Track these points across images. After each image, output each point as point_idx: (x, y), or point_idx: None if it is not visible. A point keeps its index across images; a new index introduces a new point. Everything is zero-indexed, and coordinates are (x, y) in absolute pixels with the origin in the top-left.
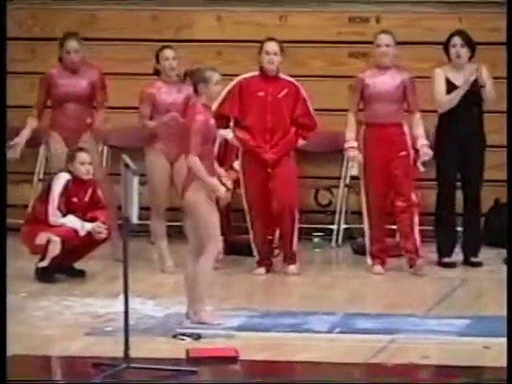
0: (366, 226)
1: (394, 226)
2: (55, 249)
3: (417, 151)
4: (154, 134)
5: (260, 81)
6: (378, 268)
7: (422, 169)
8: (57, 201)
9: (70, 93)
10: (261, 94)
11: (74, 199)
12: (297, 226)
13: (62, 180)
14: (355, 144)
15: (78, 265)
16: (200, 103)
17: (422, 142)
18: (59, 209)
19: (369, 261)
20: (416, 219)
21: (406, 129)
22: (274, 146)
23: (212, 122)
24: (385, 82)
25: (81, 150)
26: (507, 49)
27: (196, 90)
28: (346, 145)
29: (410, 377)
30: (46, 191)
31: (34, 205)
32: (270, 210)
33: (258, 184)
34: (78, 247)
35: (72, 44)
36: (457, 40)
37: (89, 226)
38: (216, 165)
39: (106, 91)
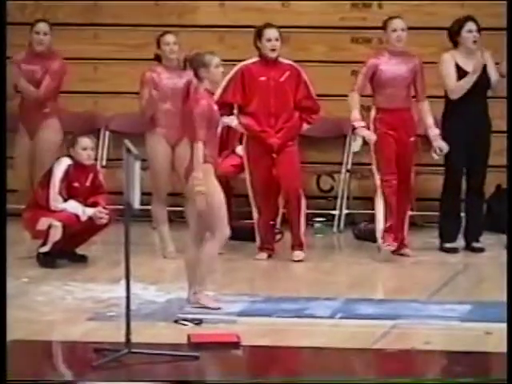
0: (380, 207)
1: None
2: (56, 234)
3: (427, 138)
4: (155, 119)
5: (261, 66)
6: (389, 247)
7: (436, 157)
8: (58, 186)
9: (30, 81)
10: (263, 78)
11: (76, 184)
12: (303, 211)
13: (63, 165)
14: (363, 123)
15: (80, 250)
16: (202, 88)
17: (436, 133)
18: (60, 194)
19: (380, 240)
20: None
21: (413, 114)
22: (279, 130)
23: (215, 107)
24: (399, 67)
25: (83, 135)
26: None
27: (197, 76)
28: (356, 124)
29: (412, 362)
30: (48, 176)
31: (35, 190)
32: (274, 195)
33: (262, 169)
34: (79, 232)
35: (41, 26)
36: (472, 25)
37: (90, 211)
38: None
39: (60, 79)
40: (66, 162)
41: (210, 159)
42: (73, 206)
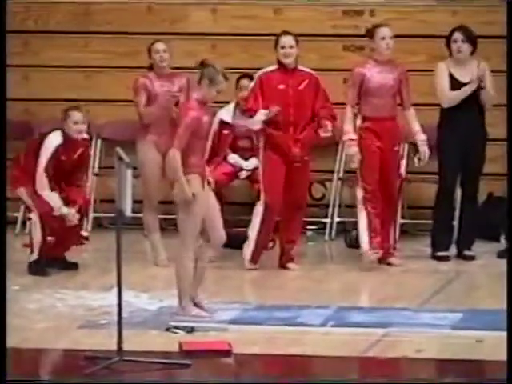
0: (362, 216)
1: None
2: (36, 231)
3: (414, 145)
4: (146, 126)
5: (280, 74)
6: (375, 255)
7: (417, 164)
8: (44, 163)
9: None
10: (282, 87)
11: (63, 157)
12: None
13: (53, 143)
14: (354, 137)
15: (71, 257)
16: (195, 98)
17: (422, 138)
18: (46, 171)
19: (365, 247)
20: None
21: (399, 123)
22: (297, 140)
23: (206, 118)
24: (384, 75)
25: (75, 108)
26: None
27: (199, 82)
28: (346, 137)
29: (403, 370)
30: (39, 145)
31: (25, 151)
32: (282, 205)
33: (278, 178)
34: (56, 231)
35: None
36: (458, 35)
37: (65, 210)
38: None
39: None
40: (56, 139)
41: (197, 169)
42: (53, 200)
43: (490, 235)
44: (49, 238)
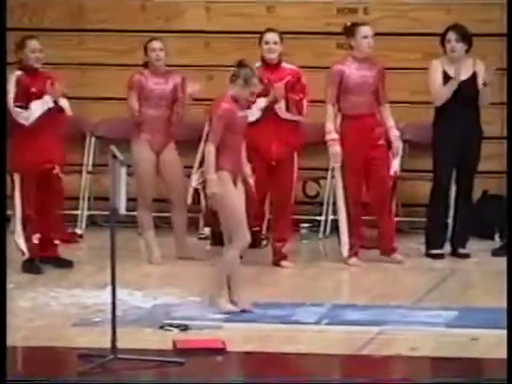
0: (342, 217)
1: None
2: (19, 236)
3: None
4: (140, 124)
5: (263, 70)
6: (354, 260)
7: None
8: (12, 94)
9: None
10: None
11: (33, 89)
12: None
13: (12, 76)
14: (336, 136)
15: (66, 255)
16: (229, 94)
17: (395, 134)
18: (18, 105)
19: (345, 252)
20: (393, 208)
21: (379, 118)
22: (277, 138)
23: (240, 113)
24: (364, 72)
25: (32, 37)
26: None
27: (233, 79)
28: (328, 137)
29: (398, 368)
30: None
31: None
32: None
33: (259, 177)
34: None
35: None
36: (452, 35)
37: (47, 97)
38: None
39: None
40: (14, 73)
41: (228, 167)
42: (36, 107)
43: (484, 233)
44: (34, 236)
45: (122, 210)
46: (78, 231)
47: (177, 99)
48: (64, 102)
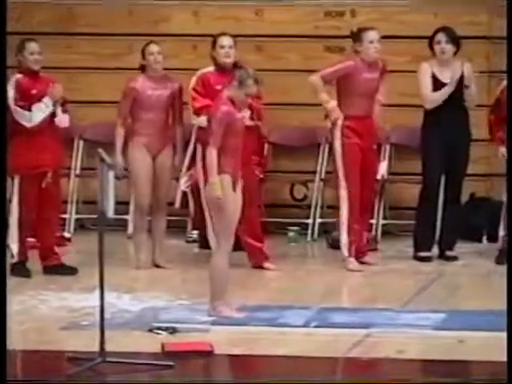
0: (344, 218)
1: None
2: (14, 236)
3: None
4: (134, 127)
5: (217, 75)
6: (356, 264)
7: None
8: (12, 96)
9: None
10: (219, 87)
11: (33, 91)
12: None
13: (13, 79)
14: (335, 102)
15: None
16: (226, 95)
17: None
18: (19, 106)
19: (345, 252)
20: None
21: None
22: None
23: (238, 116)
24: (371, 76)
25: (31, 40)
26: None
27: (231, 82)
28: (329, 105)
29: (385, 371)
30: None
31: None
32: None
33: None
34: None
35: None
36: (441, 36)
37: (46, 99)
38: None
39: None
40: (14, 76)
41: (228, 169)
42: (38, 112)
43: (472, 236)
44: (28, 240)
45: (110, 214)
46: (67, 235)
47: (173, 104)
48: (65, 117)
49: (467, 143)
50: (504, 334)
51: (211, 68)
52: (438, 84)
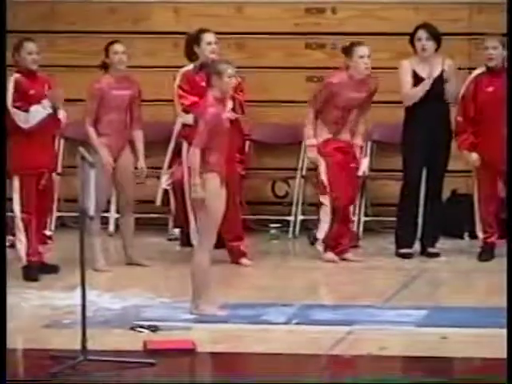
0: (325, 216)
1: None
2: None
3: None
4: (98, 128)
5: (202, 72)
6: (331, 255)
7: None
8: (11, 98)
9: None
10: (203, 84)
11: (32, 91)
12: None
13: (11, 79)
14: (315, 142)
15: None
16: (212, 95)
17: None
18: (16, 107)
19: (320, 248)
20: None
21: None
22: None
23: (224, 115)
24: (357, 95)
25: (28, 39)
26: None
27: (209, 82)
28: (308, 142)
29: (368, 367)
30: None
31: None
32: None
33: None
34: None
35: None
36: (422, 33)
37: (46, 103)
38: None
39: None
40: (13, 75)
41: (216, 168)
42: (36, 114)
43: (453, 232)
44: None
45: (91, 212)
46: (48, 233)
47: (132, 105)
48: (62, 113)
49: (448, 139)
50: (486, 331)
51: (191, 65)
52: (419, 81)
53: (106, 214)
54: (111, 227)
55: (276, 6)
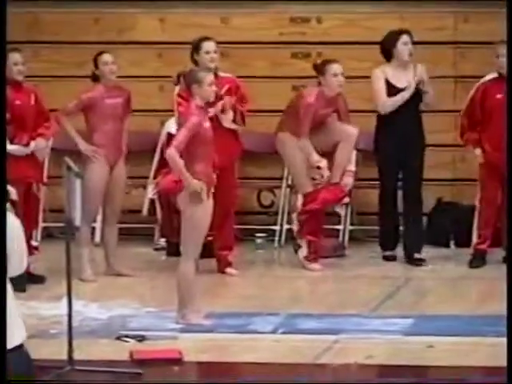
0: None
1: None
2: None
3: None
4: (94, 138)
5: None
6: (317, 266)
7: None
8: None
9: None
10: None
11: (18, 102)
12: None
13: None
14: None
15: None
16: (194, 104)
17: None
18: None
19: (302, 257)
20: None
21: None
22: (221, 147)
23: (207, 124)
24: (325, 111)
25: (14, 50)
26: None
27: (189, 91)
28: (322, 164)
29: (354, 377)
30: None
31: None
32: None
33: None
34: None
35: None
36: (407, 38)
37: (32, 144)
38: None
39: None
40: None
41: (201, 176)
42: (16, 149)
43: (439, 241)
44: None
45: (78, 222)
46: (34, 243)
47: (126, 113)
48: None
49: (421, 145)
50: (472, 339)
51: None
52: (391, 89)
53: (93, 224)
54: (97, 237)
55: (261, 16)
